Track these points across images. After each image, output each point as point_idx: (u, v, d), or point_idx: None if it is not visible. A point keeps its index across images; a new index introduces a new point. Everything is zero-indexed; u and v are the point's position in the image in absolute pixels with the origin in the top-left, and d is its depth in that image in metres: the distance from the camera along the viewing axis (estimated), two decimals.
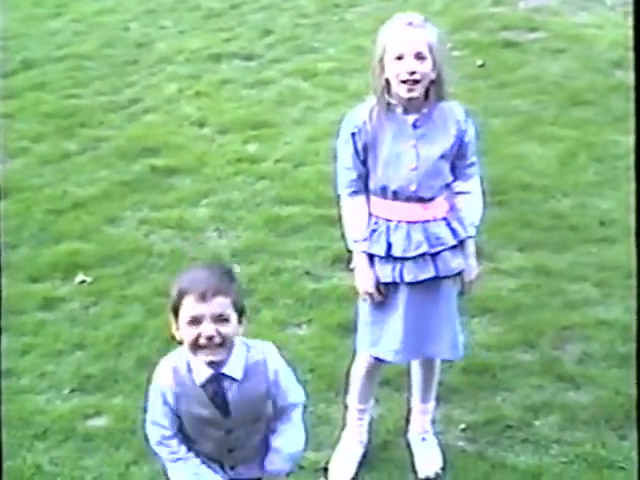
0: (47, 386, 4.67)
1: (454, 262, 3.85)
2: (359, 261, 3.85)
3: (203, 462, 3.28)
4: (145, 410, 4.34)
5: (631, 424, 4.17)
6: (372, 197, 3.83)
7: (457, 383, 4.54)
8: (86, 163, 6.75)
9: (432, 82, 3.69)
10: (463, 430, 4.31)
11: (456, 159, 3.82)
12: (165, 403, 3.19)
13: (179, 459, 3.26)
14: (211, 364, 3.11)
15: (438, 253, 3.81)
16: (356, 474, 4.10)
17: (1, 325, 4.90)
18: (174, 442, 3.25)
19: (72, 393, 4.62)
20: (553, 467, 4.10)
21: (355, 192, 3.84)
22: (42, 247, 5.76)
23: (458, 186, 3.87)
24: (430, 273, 3.81)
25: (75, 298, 5.32)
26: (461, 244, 3.87)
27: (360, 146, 3.78)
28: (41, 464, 4.20)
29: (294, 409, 3.31)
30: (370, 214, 3.84)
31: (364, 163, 3.80)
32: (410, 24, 3.65)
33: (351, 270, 3.96)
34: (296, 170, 6.53)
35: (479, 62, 7.96)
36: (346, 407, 4.22)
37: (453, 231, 3.83)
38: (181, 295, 3.06)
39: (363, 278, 3.84)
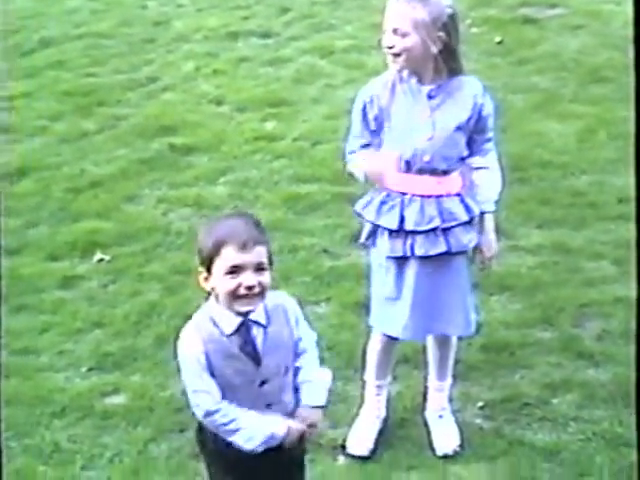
0: (66, 364, 4.69)
1: (466, 238, 3.85)
2: (366, 157, 3.85)
3: None
4: (162, 386, 4.44)
5: None
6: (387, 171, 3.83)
7: (475, 361, 4.54)
8: (104, 142, 6.75)
9: (439, 55, 3.71)
10: (481, 408, 4.31)
11: (474, 133, 3.82)
12: (203, 368, 3.05)
13: (235, 418, 3.08)
14: (239, 313, 3.06)
15: (450, 228, 3.80)
16: (373, 450, 4.10)
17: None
18: (225, 404, 3.08)
19: (90, 371, 4.64)
20: (571, 445, 4.10)
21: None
22: (61, 225, 5.78)
23: (476, 161, 3.87)
24: (442, 248, 3.80)
25: (93, 276, 5.34)
26: (477, 220, 3.87)
27: (371, 116, 3.80)
28: (59, 442, 4.22)
29: (314, 348, 3.26)
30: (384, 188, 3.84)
31: (375, 133, 3.83)
32: None
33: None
34: (314, 148, 6.52)
35: (498, 39, 7.91)
36: (364, 383, 4.22)
37: (467, 207, 3.83)
38: (219, 245, 3.00)
39: (375, 160, 3.83)
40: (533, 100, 6.98)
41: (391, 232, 3.81)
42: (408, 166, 3.77)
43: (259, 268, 3.02)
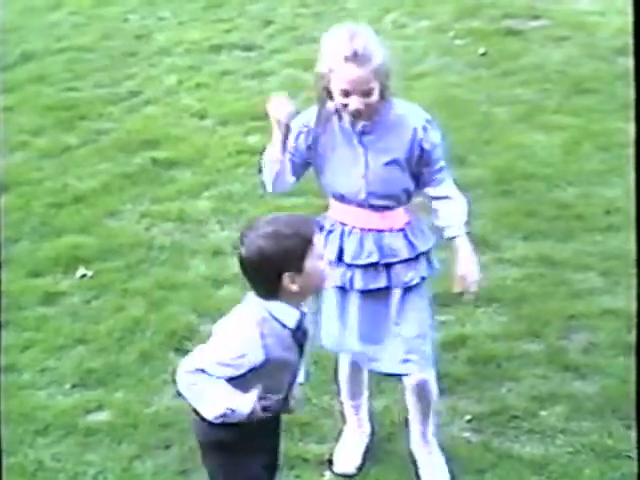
0: (48, 381, 4.64)
1: (408, 275, 3.71)
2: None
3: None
4: (146, 403, 4.39)
5: (638, 413, 4.15)
6: (330, 199, 3.77)
7: (462, 374, 4.51)
8: (86, 156, 6.72)
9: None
10: (469, 421, 4.28)
11: (419, 166, 3.68)
12: (248, 354, 3.05)
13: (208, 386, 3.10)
14: (297, 304, 3.13)
15: (392, 264, 3.69)
16: (360, 466, 4.06)
17: (1, 321, 4.88)
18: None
19: (74, 388, 4.60)
20: (559, 457, 4.06)
21: None
22: (43, 241, 5.74)
23: (430, 192, 3.75)
24: (381, 283, 3.70)
25: (76, 292, 5.29)
26: (454, 243, 3.77)
27: (304, 146, 3.71)
28: (43, 460, 4.17)
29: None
30: (328, 216, 3.79)
31: (305, 159, 3.74)
32: (355, 55, 3.46)
33: None
34: None
35: (481, 50, 7.92)
36: (341, 404, 4.19)
37: (410, 244, 3.70)
38: (307, 240, 3.05)
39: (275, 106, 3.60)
40: (517, 112, 6.97)
41: (331, 262, 3.63)
42: (347, 200, 3.69)
43: None
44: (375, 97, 3.54)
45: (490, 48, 7.95)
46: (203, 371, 3.07)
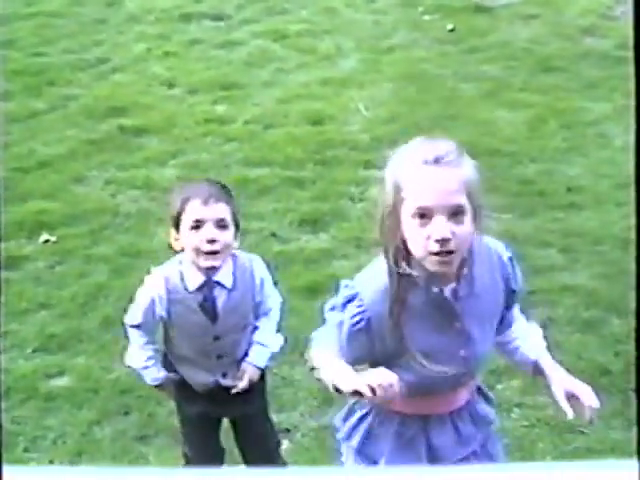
0: (10, 345, 4.63)
1: None
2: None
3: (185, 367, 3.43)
4: (107, 368, 4.41)
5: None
6: None
7: None
8: (53, 122, 6.69)
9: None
10: None
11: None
12: (152, 307, 3.30)
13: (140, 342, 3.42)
14: (205, 271, 3.24)
15: None
16: None
17: None
18: (140, 331, 3.39)
19: (35, 352, 4.60)
20: (514, 431, 4.10)
21: None
22: (7, 205, 5.70)
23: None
24: None
25: (40, 257, 5.28)
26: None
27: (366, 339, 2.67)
28: (2, 423, 4.15)
29: (275, 312, 3.49)
30: None
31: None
32: (437, 161, 2.53)
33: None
34: (265, 132, 6.50)
35: (450, 26, 7.93)
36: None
37: None
38: (185, 201, 3.20)
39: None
40: (483, 88, 7.00)
41: None
42: None
43: (221, 225, 3.19)
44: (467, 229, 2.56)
45: (458, 24, 7.96)
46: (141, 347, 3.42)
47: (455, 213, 2.51)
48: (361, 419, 2.86)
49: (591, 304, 4.74)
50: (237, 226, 3.27)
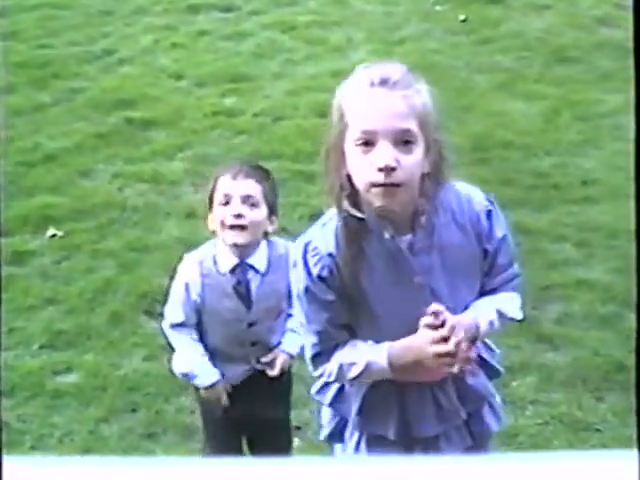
0: (16, 342, 4.57)
1: None
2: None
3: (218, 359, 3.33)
4: (115, 365, 4.36)
5: (609, 386, 4.15)
6: None
7: None
8: (59, 115, 6.64)
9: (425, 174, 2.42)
10: None
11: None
12: (187, 295, 3.24)
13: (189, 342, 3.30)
14: (237, 252, 3.19)
15: None
16: None
17: None
18: (188, 330, 3.29)
19: (42, 349, 4.54)
20: (528, 428, 4.04)
21: None
22: (13, 200, 5.65)
23: None
24: None
25: (46, 252, 5.22)
26: None
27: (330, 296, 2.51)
28: (8, 421, 4.10)
29: None
30: None
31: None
32: (384, 83, 2.34)
33: None
34: (274, 124, 6.44)
35: (462, 17, 7.86)
36: None
37: None
38: (217, 178, 3.20)
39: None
40: (496, 80, 6.93)
41: None
42: None
43: (250, 202, 3.14)
44: (417, 157, 2.36)
45: (470, 15, 7.89)
46: (174, 326, 3.30)
47: (403, 140, 2.30)
48: None
49: (607, 299, 4.67)
50: (273, 210, 3.20)
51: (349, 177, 2.37)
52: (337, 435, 2.80)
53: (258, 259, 3.24)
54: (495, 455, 2.92)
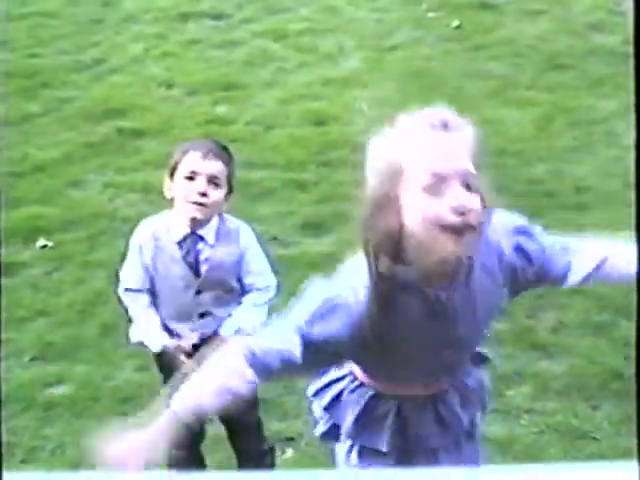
0: (7, 354, 4.54)
1: None
2: None
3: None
4: (107, 376, 4.34)
5: (604, 394, 4.13)
6: None
7: None
8: (48, 125, 6.61)
9: None
10: None
11: None
12: (140, 257, 3.43)
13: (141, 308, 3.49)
14: (191, 224, 3.35)
15: None
16: None
17: None
18: (141, 295, 3.47)
19: (33, 361, 4.52)
20: (524, 437, 4.02)
21: None
22: (1, 211, 5.62)
23: None
24: None
25: (36, 263, 5.21)
26: None
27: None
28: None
29: (262, 290, 3.50)
30: None
31: None
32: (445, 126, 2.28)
33: None
34: (266, 133, 6.43)
35: (455, 23, 7.84)
36: None
37: None
38: (185, 152, 3.34)
39: None
40: (490, 86, 6.91)
41: None
42: None
43: (214, 182, 3.30)
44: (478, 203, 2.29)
45: (464, 21, 7.87)
46: (128, 290, 3.53)
47: (467, 183, 2.21)
48: (335, 381, 2.66)
49: (602, 307, 4.65)
50: (231, 190, 3.38)
51: (400, 231, 2.23)
52: (332, 435, 2.77)
53: (208, 231, 3.38)
54: (505, 467, 2.91)
